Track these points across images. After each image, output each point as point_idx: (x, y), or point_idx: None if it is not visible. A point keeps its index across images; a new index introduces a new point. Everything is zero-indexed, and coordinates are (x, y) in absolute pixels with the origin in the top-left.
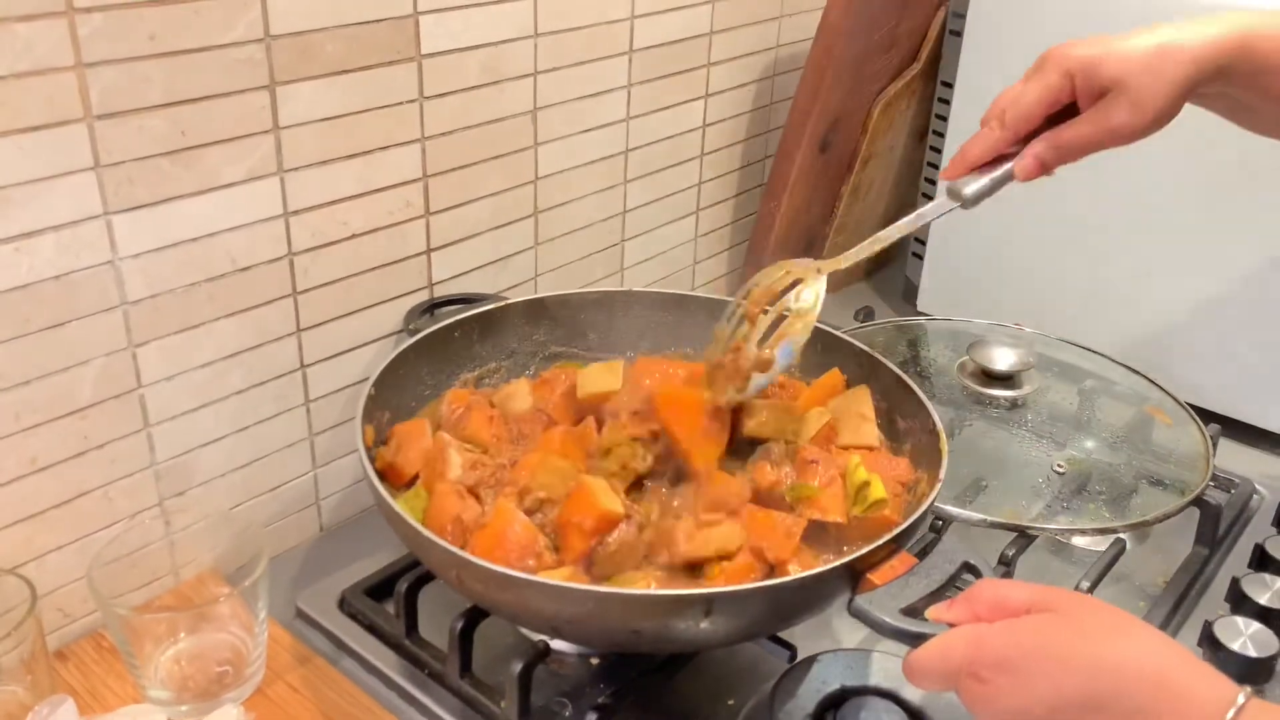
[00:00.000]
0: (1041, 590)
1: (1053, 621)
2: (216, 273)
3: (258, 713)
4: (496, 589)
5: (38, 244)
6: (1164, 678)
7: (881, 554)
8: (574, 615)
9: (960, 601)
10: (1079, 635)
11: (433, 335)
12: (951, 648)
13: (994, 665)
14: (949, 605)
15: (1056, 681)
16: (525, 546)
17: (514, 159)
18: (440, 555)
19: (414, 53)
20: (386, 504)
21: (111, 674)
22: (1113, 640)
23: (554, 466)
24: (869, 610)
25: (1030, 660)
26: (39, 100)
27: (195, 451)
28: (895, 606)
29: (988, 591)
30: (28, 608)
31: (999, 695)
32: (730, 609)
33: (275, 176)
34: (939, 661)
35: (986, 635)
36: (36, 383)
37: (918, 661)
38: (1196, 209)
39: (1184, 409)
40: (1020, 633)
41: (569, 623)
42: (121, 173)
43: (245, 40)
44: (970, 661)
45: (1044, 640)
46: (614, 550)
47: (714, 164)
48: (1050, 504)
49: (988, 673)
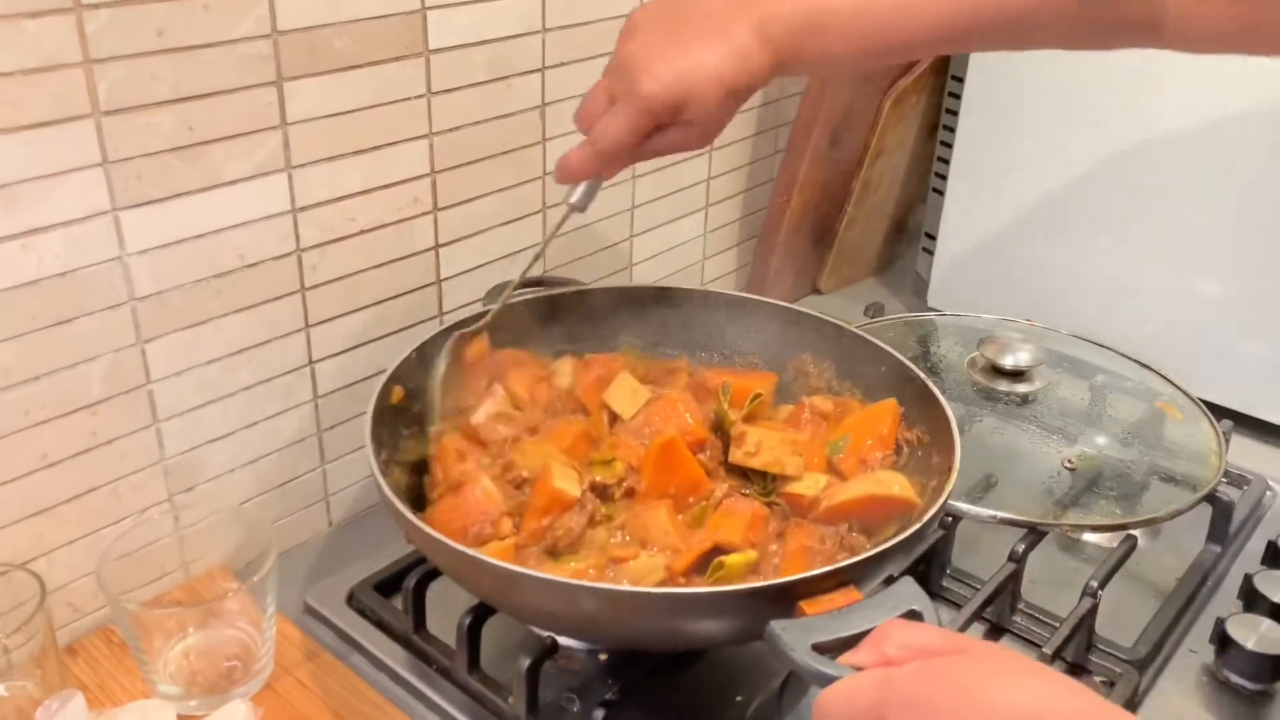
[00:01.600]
0: (952, 635)
1: (962, 663)
2: (224, 269)
3: (265, 708)
4: (499, 584)
5: (46, 240)
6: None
7: (825, 584)
8: (568, 611)
9: (868, 644)
10: (989, 677)
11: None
12: (859, 690)
13: (902, 706)
14: (856, 649)
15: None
16: (483, 514)
17: (522, 154)
18: (445, 552)
19: (421, 48)
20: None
21: (121, 669)
22: (1029, 682)
23: (542, 450)
24: (780, 637)
25: (939, 701)
26: (47, 96)
27: (204, 447)
28: (808, 640)
29: (897, 634)
30: (37, 603)
31: None
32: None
33: (283, 173)
34: (846, 703)
35: (896, 677)
36: (45, 379)
37: (825, 704)
38: (1209, 205)
39: (1196, 404)
40: (929, 674)
41: (564, 619)
42: (129, 169)
43: (253, 36)
44: (878, 704)
45: (953, 681)
46: (560, 533)
47: (723, 159)
48: (1060, 500)
49: (895, 715)
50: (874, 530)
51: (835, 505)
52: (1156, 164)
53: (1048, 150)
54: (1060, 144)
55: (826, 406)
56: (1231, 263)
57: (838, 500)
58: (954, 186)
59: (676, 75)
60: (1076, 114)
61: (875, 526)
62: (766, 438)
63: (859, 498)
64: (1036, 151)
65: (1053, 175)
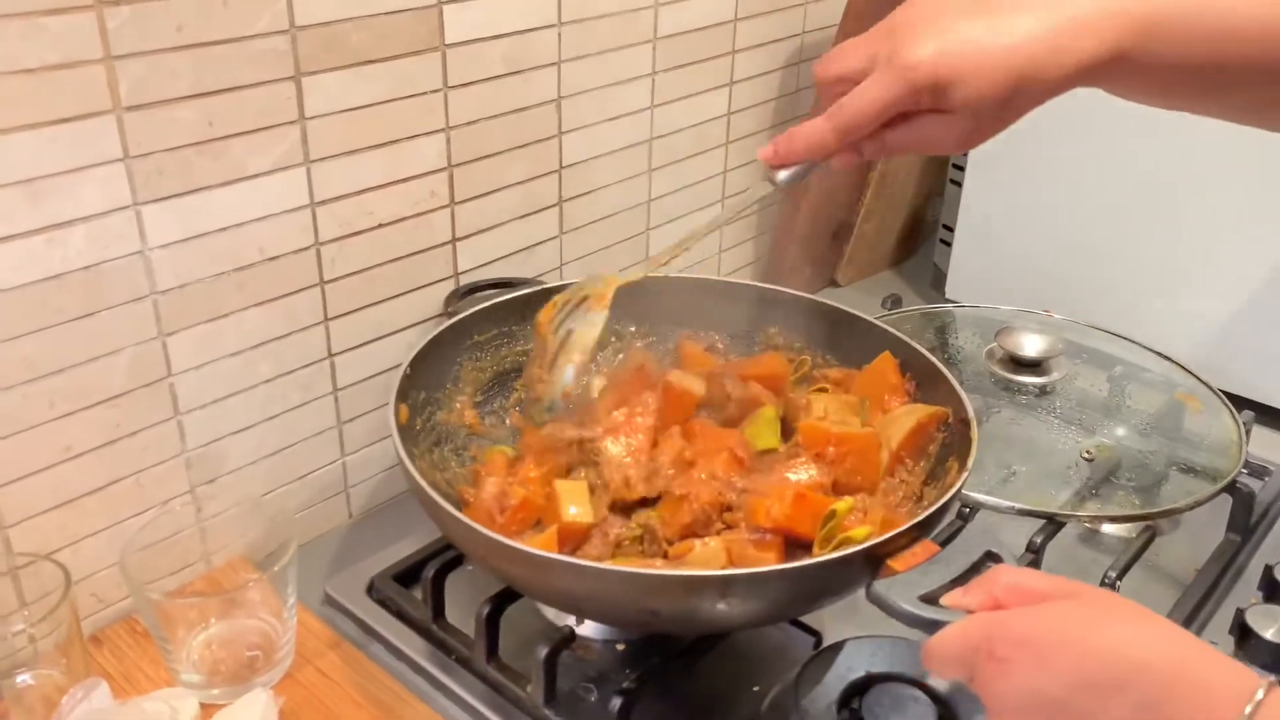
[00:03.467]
0: (1062, 580)
1: (1075, 607)
2: (245, 262)
3: (287, 696)
4: (521, 567)
5: (68, 235)
6: (1185, 666)
7: (903, 541)
8: (592, 593)
9: (977, 586)
10: (1102, 620)
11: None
12: (970, 631)
13: (1014, 643)
14: (965, 590)
15: (1078, 662)
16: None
17: (538, 148)
18: (464, 533)
19: (438, 42)
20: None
21: (145, 658)
22: (1136, 627)
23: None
24: (886, 596)
25: (1052, 640)
26: (69, 92)
27: (225, 440)
28: (913, 593)
29: (1006, 577)
30: (62, 592)
31: (1017, 673)
32: (748, 591)
33: (302, 167)
34: (958, 643)
35: (1006, 617)
36: (69, 371)
37: (935, 646)
38: (1228, 195)
39: (1216, 395)
40: (1042, 615)
41: (588, 600)
42: (150, 164)
43: (271, 31)
44: (989, 639)
45: (1066, 623)
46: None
47: (739, 152)
48: (1079, 491)
49: (1007, 649)
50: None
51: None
52: (1176, 154)
53: (1065, 141)
54: (1079, 135)
55: (837, 375)
56: (1252, 254)
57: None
58: (971, 178)
59: (957, 44)
60: (1094, 104)
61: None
62: (830, 401)
63: (912, 429)
64: (1054, 142)
65: (1070, 166)
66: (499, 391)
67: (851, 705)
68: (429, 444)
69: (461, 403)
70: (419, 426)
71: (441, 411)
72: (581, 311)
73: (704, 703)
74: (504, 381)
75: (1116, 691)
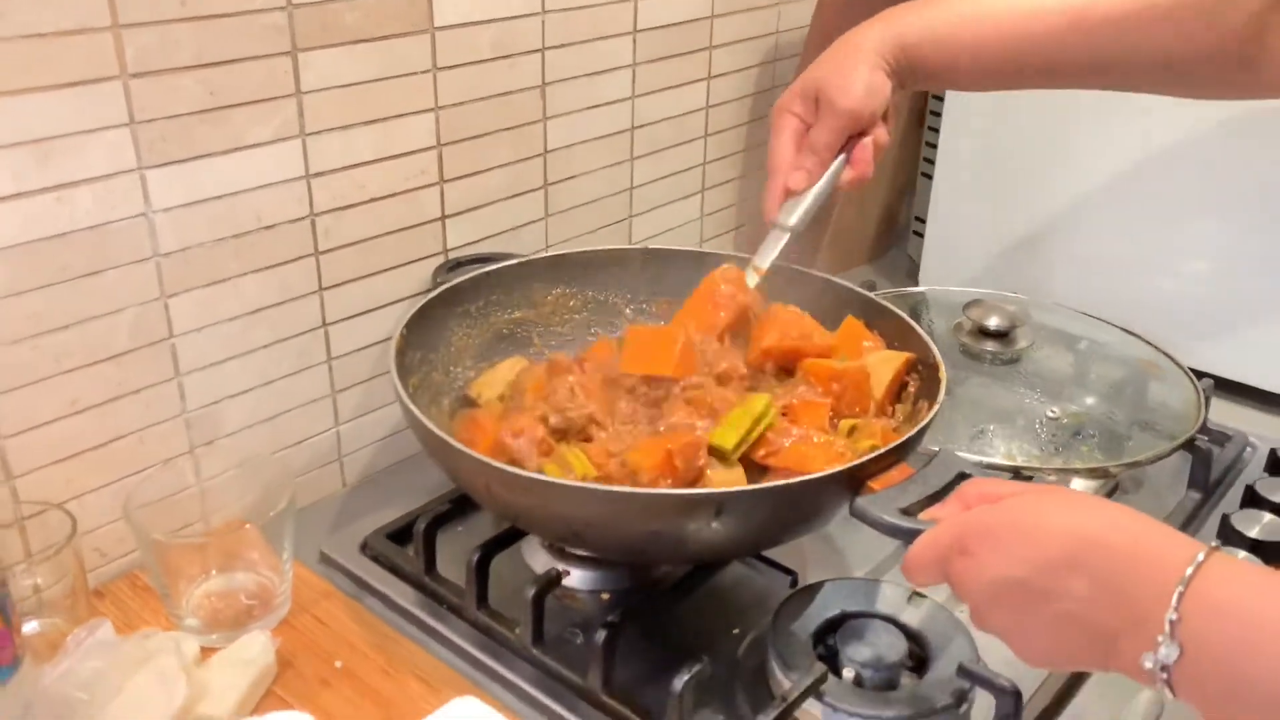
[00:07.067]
0: (1024, 484)
1: (1032, 498)
2: (243, 229)
3: (284, 639)
4: (520, 493)
5: (76, 194)
6: (1136, 540)
7: (882, 464)
8: (592, 517)
9: (950, 500)
10: (1057, 506)
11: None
12: (941, 533)
13: (979, 537)
14: (941, 505)
15: (1039, 545)
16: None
17: (524, 131)
18: (467, 464)
19: (427, 25)
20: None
21: (147, 609)
22: (1088, 509)
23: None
24: (868, 510)
25: (1012, 529)
26: (79, 57)
27: (223, 402)
28: (893, 507)
29: (974, 489)
30: (67, 537)
31: (985, 565)
32: (739, 509)
33: (298, 139)
34: (931, 549)
35: (970, 517)
36: (75, 328)
37: (912, 555)
38: (1191, 183)
39: (1177, 365)
40: (1002, 509)
41: (589, 525)
42: (155, 130)
43: (269, 8)
44: (958, 538)
45: (1024, 513)
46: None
47: (719, 145)
48: (1045, 448)
49: (973, 544)
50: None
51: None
52: (1137, 144)
53: (1032, 133)
54: (1044, 127)
55: None
56: (1211, 239)
57: (881, 388)
58: (941, 171)
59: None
60: (1059, 97)
61: (897, 398)
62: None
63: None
64: (1021, 134)
65: (1037, 157)
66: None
67: (827, 641)
68: (425, 401)
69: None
70: (415, 386)
71: (437, 373)
72: None
73: (686, 641)
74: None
75: (1075, 568)
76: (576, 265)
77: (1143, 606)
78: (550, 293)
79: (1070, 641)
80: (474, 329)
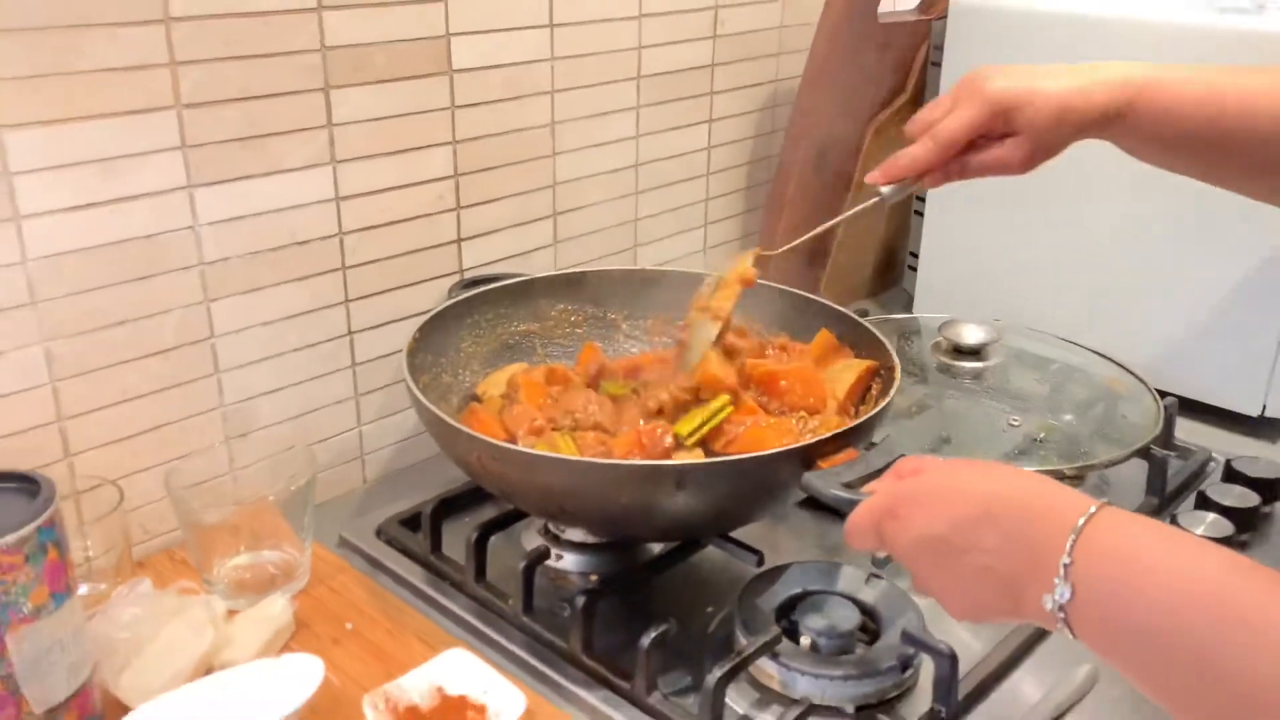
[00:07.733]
0: (949, 460)
1: (952, 467)
2: (278, 244)
3: (301, 603)
4: (508, 465)
5: (134, 207)
6: (1040, 497)
7: (831, 446)
8: (571, 487)
9: (887, 475)
10: (972, 472)
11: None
12: (874, 502)
13: (906, 502)
14: (879, 480)
15: (953, 505)
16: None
17: (534, 165)
18: (460, 439)
19: (447, 67)
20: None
21: (182, 578)
22: (1001, 475)
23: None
24: (814, 482)
25: (932, 492)
26: (140, 89)
27: (256, 399)
28: (838, 481)
29: (908, 464)
30: (114, 506)
31: (910, 525)
32: (698, 479)
33: (329, 166)
34: (867, 515)
35: (899, 485)
36: (129, 324)
37: (851, 522)
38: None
39: (1141, 382)
40: (926, 477)
41: (568, 496)
42: (203, 153)
43: (306, 50)
44: (888, 507)
45: (944, 477)
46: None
47: (720, 183)
48: (1008, 453)
49: (902, 508)
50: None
51: (841, 398)
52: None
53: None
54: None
55: (782, 342)
56: (1188, 272)
57: (843, 390)
58: (931, 209)
59: (1019, 82)
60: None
61: (860, 398)
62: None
63: (853, 381)
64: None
65: (1018, 197)
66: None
67: (790, 616)
68: (434, 398)
69: (473, 371)
70: (425, 384)
71: (446, 374)
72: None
73: (662, 615)
74: (503, 355)
75: (987, 523)
76: (580, 283)
77: (1043, 553)
78: (555, 308)
79: (986, 590)
80: (482, 338)
